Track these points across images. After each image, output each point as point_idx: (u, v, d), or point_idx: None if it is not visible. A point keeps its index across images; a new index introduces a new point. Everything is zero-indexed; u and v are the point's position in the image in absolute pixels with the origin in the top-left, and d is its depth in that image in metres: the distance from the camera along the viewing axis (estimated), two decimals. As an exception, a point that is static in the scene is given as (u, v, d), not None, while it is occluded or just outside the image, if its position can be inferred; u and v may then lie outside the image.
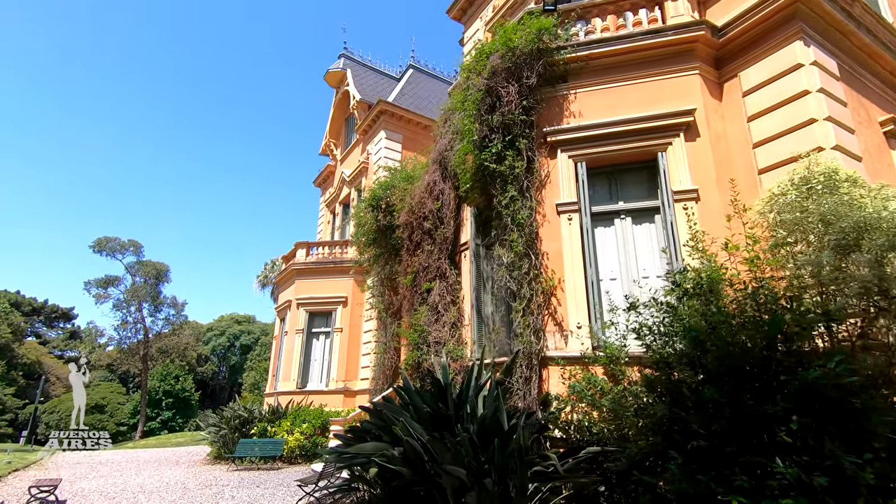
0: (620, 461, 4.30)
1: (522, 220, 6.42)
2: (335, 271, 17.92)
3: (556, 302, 6.28)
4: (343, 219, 22.07)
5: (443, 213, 8.13)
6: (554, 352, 6.11)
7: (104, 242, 33.39)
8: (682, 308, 4.32)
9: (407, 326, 16.01)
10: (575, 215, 6.56)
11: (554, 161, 6.89)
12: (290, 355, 17.28)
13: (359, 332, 17.31)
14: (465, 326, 7.75)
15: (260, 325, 58.17)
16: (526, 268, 6.23)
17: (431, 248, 8.01)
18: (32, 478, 12.44)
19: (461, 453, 4.42)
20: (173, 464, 15.41)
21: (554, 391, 5.96)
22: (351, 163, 21.46)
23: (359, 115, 20.69)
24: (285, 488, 10.10)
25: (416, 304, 7.91)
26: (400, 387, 6.72)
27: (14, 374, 39.31)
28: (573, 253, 6.42)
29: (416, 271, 8.04)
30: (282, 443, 13.86)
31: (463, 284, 8.04)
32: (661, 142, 6.54)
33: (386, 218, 11.34)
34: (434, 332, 7.37)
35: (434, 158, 8.46)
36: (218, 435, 14.87)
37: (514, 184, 6.57)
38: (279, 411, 15.39)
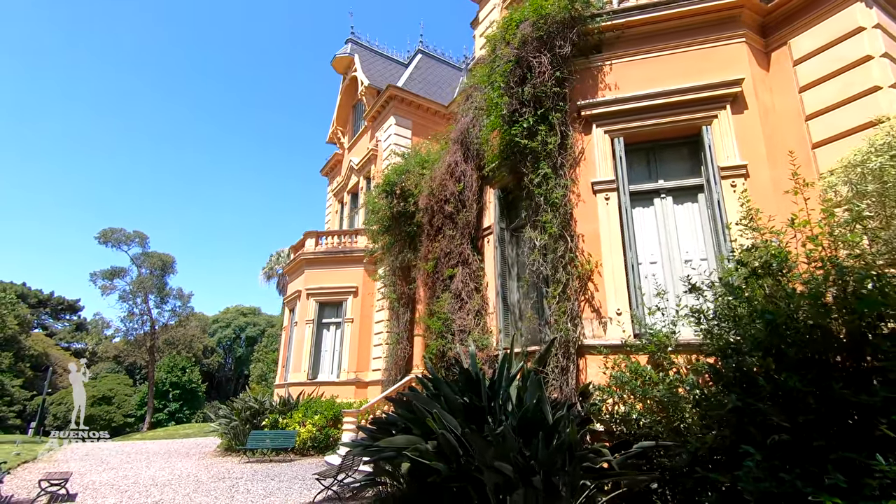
0: (681, 457, 3.93)
1: (556, 199, 6.00)
2: (345, 261, 17.57)
3: (593, 287, 5.89)
4: (352, 208, 21.67)
5: (465, 195, 7.72)
6: (592, 340, 5.73)
7: (109, 233, 33.16)
8: (749, 289, 3.92)
9: (422, 313, 15.69)
10: (612, 194, 6.15)
11: (588, 137, 6.46)
12: (301, 346, 16.99)
13: (370, 323, 16.99)
14: (490, 314, 7.38)
15: (265, 316, 58.16)
16: (561, 250, 5.83)
17: (453, 232, 7.62)
18: (42, 470, 12.23)
19: (506, 448, 4.06)
20: (184, 455, 15.20)
21: (592, 381, 5.58)
22: (359, 151, 21.02)
23: (367, 101, 20.21)
24: (301, 481, 9.82)
25: (439, 292, 7.54)
26: (426, 377, 6.37)
27: (21, 366, 39.35)
28: (611, 234, 6.01)
29: (438, 257, 7.65)
30: (294, 434, 13.60)
31: (486, 271, 7.65)
32: (705, 115, 6.10)
33: (400, 204, 10.95)
34: (458, 321, 7.01)
35: (455, 138, 8.04)
36: (229, 426, 14.63)
37: (546, 160, 6.15)
38: (290, 402, 15.13)
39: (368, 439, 6.08)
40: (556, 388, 5.61)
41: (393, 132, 18.12)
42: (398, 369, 15.13)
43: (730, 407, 3.55)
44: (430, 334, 7.33)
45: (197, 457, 14.76)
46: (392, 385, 14.92)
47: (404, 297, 15.63)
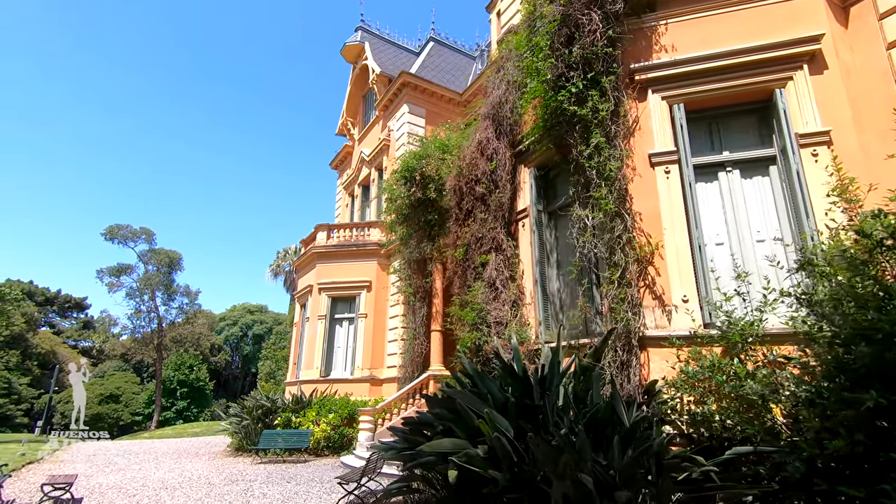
0: (794, 465, 3.27)
1: (611, 172, 5.35)
2: (358, 254, 16.97)
3: (654, 272, 5.23)
4: (363, 201, 21.07)
5: (497, 175, 7.07)
6: (655, 331, 5.08)
7: (116, 230, 32.72)
8: (874, 265, 3.26)
9: (438, 307, 15.16)
10: (673, 167, 5.48)
11: (643, 104, 5.79)
12: (313, 342, 16.42)
13: (384, 318, 16.39)
14: (527, 305, 6.73)
15: (272, 314, 57.86)
16: (619, 230, 5.17)
17: (485, 215, 6.97)
18: (46, 471, 11.72)
19: (582, 456, 3.42)
20: (193, 456, 14.68)
21: (656, 377, 4.93)
22: (370, 142, 20.40)
23: (378, 89, 19.56)
24: (319, 484, 9.23)
25: (470, 280, 6.89)
26: (464, 372, 5.73)
27: (29, 364, 39.15)
28: (673, 212, 5.34)
29: (468, 243, 7.01)
30: (308, 434, 13.03)
31: (522, 257, 7.00)
32: (778, 76, 5.41)
33: (420, 191, 10.34)
34: (494, 312, 6.37)
35: (485, 113, 7.38)
36: (240, 425, 14.08)
37: (599, 129, 5.48)
38: (303, 401, 14.57)
39: (401, 441, 5.46)
40: (616, 386, 4.95)
41: (406, 120, 17.47)
42: (415, 366, 14.52)
43: (868, 405, 2.90)
44: (463, 326, 6.69)
45: (207, 457, 14.24)
46: (409, 382, 14.33)
47: (420, 290, 15.01)
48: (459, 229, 7.17)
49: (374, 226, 17.34)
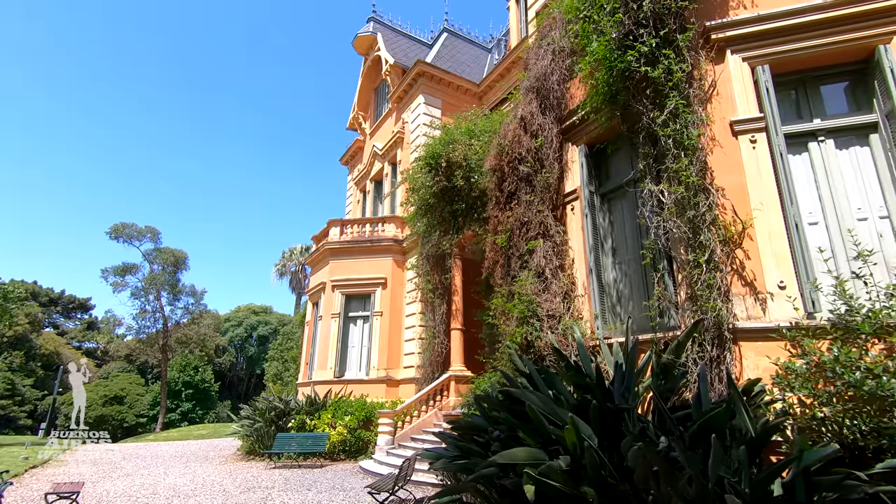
0: None
1: (692, 140, 4.68)
2: (373, 250, 16.34)
3: (743, 254, 4.56)
4: (376, 196, 20.45)
5: (543, 153, 6.41)
6: (746, 322, 4.40)
7: (121, 229, 32.24)
8: None
9: (458, 306, 14.50)
10: (759, 136, 4.81)
11: (721, 66, 5.13)
12: (326, 342, 15.77)
13: (400, 317, 15.75)
14: (580, 297, 6.07)
15: (277, 315, 57.35)
16: (704, 206, 4.50)
17: (531, 197, 6.31)
18: (50, 477, 11.12)
19: (713, 470, 2.75)
20: (203, 460, 14.05)
21: (750, 375, 4.26)
22: (383, 135, 19.79)
23: (392, 81, 18.96)
24: (342, 492, 8.58)
25: (515, 269, 6.23)
26: (521, 372, 5.08)
27: (33, 365, 38.66)
28: (763, 187, 4.67)
29: (511, 229, 6.34)
30: (325, 437, 12.39)
31: (572, 245, 6.34)
32: (883, 31, 4.74)
33: (445, 179, 9.70)
34: (545, 304, 5.71)
35: (529, 86, 6.73)
36: (252, 428, 13.45)
37: (675, 93, 4.82)
38: (317, 402, 13.93)
39: (451, 448, 4.80)
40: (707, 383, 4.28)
41: (422, 111, 16.84)
42: (435, 366, 13.86)
43: None
44: (508, 320, 6.03)
45: (217, 461, 13.60)
46: (428, 384, 13.68)
47: (439, 287, 14.36)
48: (501, 213, 6.52)
49: (390, 221, 16.72)
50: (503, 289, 6.27)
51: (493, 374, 9.14)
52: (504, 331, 6.09)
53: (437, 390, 12.92)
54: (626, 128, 5.36)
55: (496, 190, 6.69)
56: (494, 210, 6.66)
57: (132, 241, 32.72)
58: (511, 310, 5.88)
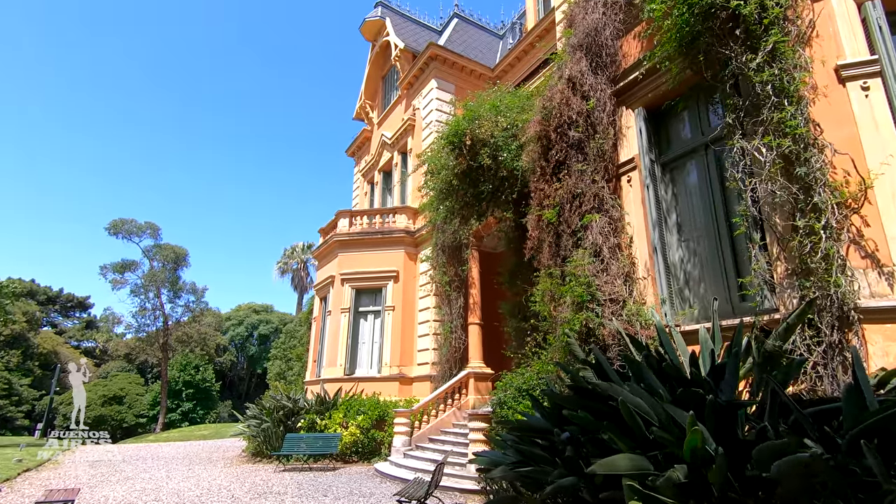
0: None
1: (795, 86, 3.97)
2: (384, 242, 15.62)
3: (861, 221, 3.85)
4: (384, 188, 19.72)
5: (596, 116, 5.70)
6: (870, 301, 3.69)
7: (120, 224, 31.47)
8: None
9: (476, 294, 13.77)
10: (873, 81, 4.10)
11: (821, 3, 4.41)
12: (336, 338, 15.05)
13: (413, 311, 15.03)
14: (642, 279, 5.35)
15: (278, 314, 56.71)
16: (817, 161, 3.79)
17: (583, 166, 5.59)
18: (45, 480, 10.40)
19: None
20: (206, 462, 13.33)
21: (880, 363, 3.54)
22: (392, 124, 19.06)
23: (401, 67, 18.23)
24: (363, 498, 7.86)
25: (567, 249, 5.52)
26: (584, 363, 4.37)
27: (30, 365, 37.90)
28: (881, 142, 3.96)
29: (561, 203, 5.63)
30: (336, 438, 11.67)
31: (632, 220, 5.63)
32: None
33: (470, 157, 8.98)
34: (605, 287, 4.99)
35: (576, 44, 6.01)
36: (259, 429, 12.73)
37: (774, 28, 4.10)
38: (327, 401, 13.21)
39: (512, 453, 4.08)
40: (817, 378, 3.57)
41: (434, 97, 16.12)
42: (452, 363, 13.13)
43: None
44: (560, 306, 5.32)
45: (222, 463, 12.89)
46: (445, 381, 12.96)
47: (456, 279, 13.64)
48: (548, 186, 5.80)
49: (401, 211, 16.00)
50: (555, 269, 5.55)
51: (524, 370, 8.43)
52: (555, 319, 5.39)
53: (455, 388, 12.22)
54: (710, 75, 4.62)
55: (541, 159, 5.97)
56: (539, 182, 5.94)
57: (131, 237, 31.97)
58: (564, 293, 5.17)
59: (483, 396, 12.43)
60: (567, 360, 4.87)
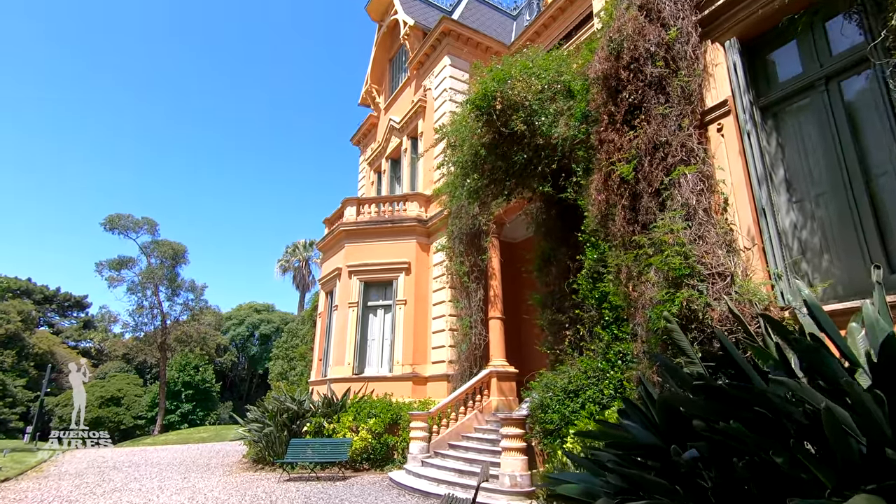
0: None
1: None
2: (394, 232, 14.50)
3: None
4: (392, 176, 18.61)
5: (678, 50, 4.58)
6: None
7: (116, 220, 30.38)
8: None
9: (497, 286, 12.57)
10: None
11: None
12: (343, 334, 13.93)
13: (426, 305, 13.91)
14: (745, 249, 4.22)
15: (280, 313, 55.71)
16: None
17: (665, 110, 4.48)
18: (21, 493, 9.30)
19: None
20: (204, 469, 12.22)
21: None
22: (401, 107, 17.95)
23: (411, 45, 17.11)
24: (383, 518, 6.75)
25: (651, 211, 4.39)
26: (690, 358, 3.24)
27: (25, 365, 36.85)
28: None
29: (639, 155, 4.51)
30: (347, 444, 10.57)
31: (728, 177, 4.50)
32: None
33: (501, 124, 7.84)
34: (707, 259, 3.87)
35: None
36: (261, 433, 11.61)
37: None
38: (334, 403, 12.10)
39: (614, 477, 2.96)
40: None
41: (448, 74, 15.00)
42: (472, 360, 11.98)
43: None
44: (645, 285, 4.19)
45: (221, 471, 11.78)
46: (465, 381, 11.82)
47: (475, 270, 12.50)
48: (618, 136, 4.69)
49: (412, 199, 14.88)
50: (640, 238, 4.39)
51: (566, 367, 7.31)
52: (635, 301, 4.25)
53: (476, 389, 11.10)
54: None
55: (608, 104, 4.85)
56: (607, 132, 4.83)
57: (128, 233, 30.88)
58: (649, 268, 4.03)
59: (507, 398, 11.31)
60: (661, 353, 3.73)
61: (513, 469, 7.33)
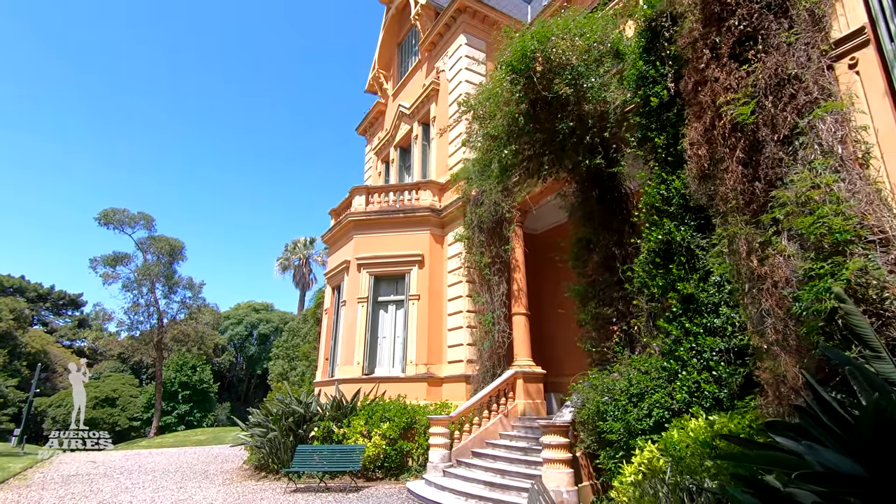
0: None
1: None
2: (406, 223, 13.54)
3: None
4: (401, 165, 17.63)
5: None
6: None
7: (111, 214, 29.31)
8: None
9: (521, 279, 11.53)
10: None
11: None
12: (352, 332, 12.95)
13: (440, 301, 12.94)
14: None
15: (279, 313, 54.78)
16: None
17: (791, 38, 3.51)
18: (-4, 508, 8.31)
19: None
20: (202, 477, 11.23)
21: None
22: (410, 93, 16.99)
23: (422, 26, 16.16)
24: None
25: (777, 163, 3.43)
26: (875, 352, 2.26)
27: (17, 365, 35.74)
28: None
29: (761, 93, 3.55)
30: (359, 451, 9.59)
31: (875, 122, 3.53)
32: None
33: (542, 87, 6.85)
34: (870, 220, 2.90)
35: None
36: (265, 438, 10.61)
37: None
38: (344, 405, 11.12)
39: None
40: None
41: (463, 54, 14.04)
42: (495, 360, 10.97)
43: None
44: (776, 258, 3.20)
45: (220, 478, 10.78)
46: (486, 382, 10.80)
47: (497, 261, 11.54)
48: (724, 73, 3.75)
49: (425, 187, 13.92)
50: (762, 197, 3.43)
51: (623, 368, 6.33)
52: (761, 279, 3.27)
53: (500, 391, 10.12)
54: None
55: (711, 34, 3.90)
56: (709, 69, 3.88)
57: (123, 228, 29.80)
58: (791, 234, 3.04)
59: (534, 401, 10.35)
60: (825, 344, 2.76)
61: (557, 484, 6.36)
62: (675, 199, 5.76)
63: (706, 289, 5.42)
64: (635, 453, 4.94)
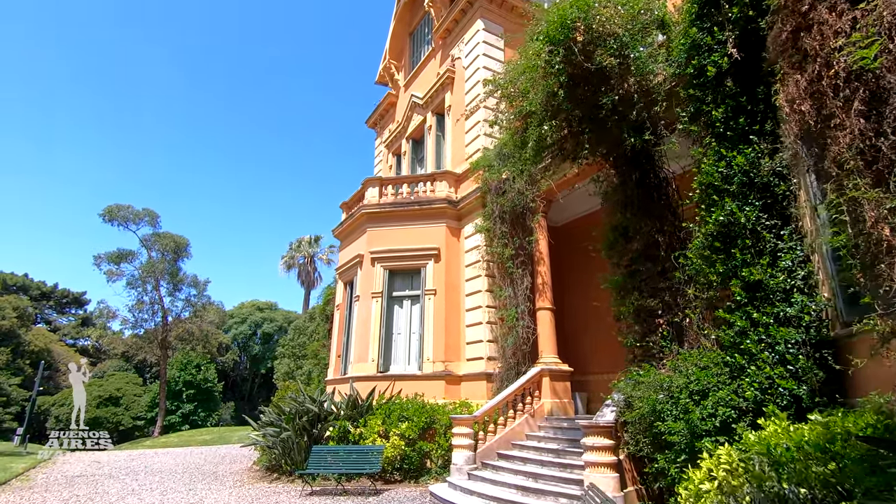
0: None
1: None
2: (422, 215, 13.04)
3: None
4: (414, 158, 17.13)
5: None
6: None
7: (115, 210, 28.92)
8: None
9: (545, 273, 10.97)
10: None
11: None
12: (366, 328, 12.45)
13: (457, 296, 12.43)
14: None
15: (283, 312, 54.45)
16: None
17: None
18: (-4, 512, 7.84)
19: None
20: (211, 478, 10.76)
21: None
22: (424, 82, 16.49)
23: (436, 13, 15.67)
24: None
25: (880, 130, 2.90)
26: None
27: (20, 363, 35.39)
28: None
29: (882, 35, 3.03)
30: (378, 452, 9.08)
31: None
32: None
33: (584, 58, 6.33)
34: None
35: None
36: (278, 439, 10.12)
37: None
38: (360, 404, 10.62)
39: None
40: None
41: (481, 40, 13.53)
42: (520, 357, 10.44)
43: None
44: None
45: (231, 480, 10.30)
46: (510, 381, 10.27)
47: (521, 253, 11.03)
48: (833, 17, 3.22)
49: (441, 177, 13.41)
50: (890, 155, 2.90)
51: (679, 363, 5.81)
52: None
53: (525, 390, 9.61)
54: None
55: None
56: (818, 9, 3.36)
57: (128, 225, 29.40)
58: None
59: (561, 400, 9.83)
60: None
61: (602, 488, 5.85)
62: (737, 178, 5.25)
63: (775, 274, 4.91)
64: (702, 457, 4.42)
